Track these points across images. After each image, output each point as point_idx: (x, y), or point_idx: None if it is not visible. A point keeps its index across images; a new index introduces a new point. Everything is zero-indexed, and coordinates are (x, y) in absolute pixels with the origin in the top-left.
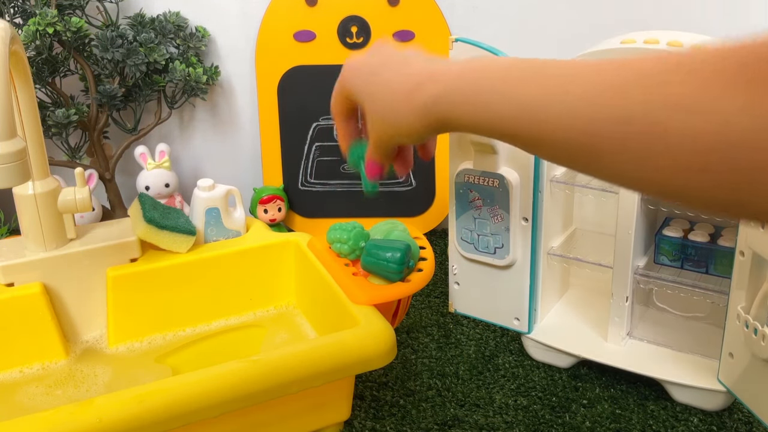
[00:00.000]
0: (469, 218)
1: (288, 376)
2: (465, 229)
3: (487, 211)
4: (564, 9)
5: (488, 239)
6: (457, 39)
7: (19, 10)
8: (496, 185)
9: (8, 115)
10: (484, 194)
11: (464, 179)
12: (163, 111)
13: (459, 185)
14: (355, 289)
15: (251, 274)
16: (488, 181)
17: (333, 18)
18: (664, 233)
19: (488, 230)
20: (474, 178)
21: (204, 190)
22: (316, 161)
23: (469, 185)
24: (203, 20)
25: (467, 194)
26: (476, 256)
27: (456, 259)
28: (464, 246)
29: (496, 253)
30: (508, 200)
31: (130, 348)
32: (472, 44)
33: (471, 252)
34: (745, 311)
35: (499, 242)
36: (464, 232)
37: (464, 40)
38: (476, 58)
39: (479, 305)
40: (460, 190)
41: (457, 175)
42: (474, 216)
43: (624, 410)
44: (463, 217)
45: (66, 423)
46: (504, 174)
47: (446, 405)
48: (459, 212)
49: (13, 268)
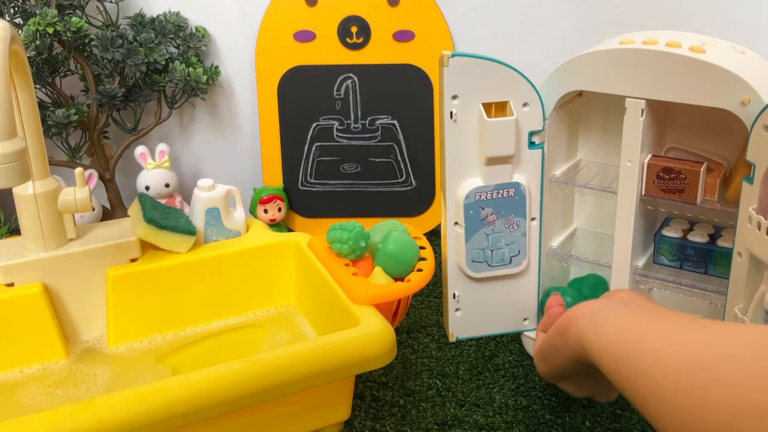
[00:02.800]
0: (480, 237)
1: (288, 376)
2: (476, 250)
3: (502, 222)
4: (564, 9)
5: (503, 251)
6: (453, 54)
7: (19, 10)
8: (512, 194)
9: (8, 115)
10: (499, 207)
11: (475, 198)
12: (163, 111)
13: (469, 206)
14: (355, 289)
15: (251, 274)
16: (503, 192)
17: (333, 18)
18: (664, 233)
19: (503, 242)
20: (486, 195)
21: (204, 190)
22: (316, 161)
23: (480, 203)
24: (203, 20)
25: (479, 213)
26: (489, 273)
27: (458, 284)
28: (475, 267)
29: (512, 261)
30: (524, 206)
31: (130, 348)
32: (469, 57)
33: (482, 271)
34: (742, 312)
35: (515, 250)
36: (475, 253)
37: (461, 54)
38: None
39: (483, 323)
40: (471, 211)
41: (466, 198)
42: (487, 233)
43: (624, 410)
44: (473, 238)
45: (66, 423)
46: (519, 181)
47: (446, 405)
48: (469, 234)
49: (13, 268)
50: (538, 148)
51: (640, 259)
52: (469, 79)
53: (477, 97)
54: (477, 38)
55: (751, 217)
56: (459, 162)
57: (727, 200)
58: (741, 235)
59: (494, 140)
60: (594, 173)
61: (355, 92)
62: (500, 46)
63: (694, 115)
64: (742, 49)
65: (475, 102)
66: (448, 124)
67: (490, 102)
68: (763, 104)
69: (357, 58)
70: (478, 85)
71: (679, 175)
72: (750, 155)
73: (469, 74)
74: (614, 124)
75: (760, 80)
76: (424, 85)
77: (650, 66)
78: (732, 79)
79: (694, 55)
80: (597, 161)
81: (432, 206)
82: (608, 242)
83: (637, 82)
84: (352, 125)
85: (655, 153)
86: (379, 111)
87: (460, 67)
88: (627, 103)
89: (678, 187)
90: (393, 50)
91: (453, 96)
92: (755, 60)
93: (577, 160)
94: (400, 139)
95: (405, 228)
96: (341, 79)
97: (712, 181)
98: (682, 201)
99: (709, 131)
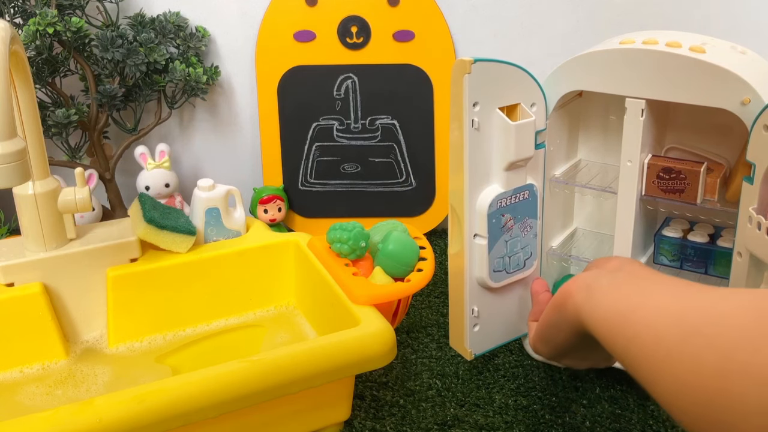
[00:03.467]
0: (501, 246)
1: (288, 376)
2: (497, 259)
3: (518, 227)
4: (564, 9)
5: (518, 255)
6: (476, 60)
7: (19, 10)
8: (527, 197)
9: (8, 115)
10: (516, 211)
11: (498, 206)
12: (163, 111)
13: (492, 215)
14: (355, 289)
15: (251, 274)
16: (519, 196)
17: (333, 18)
18: (664, 233)
19: (519, 246)
20: (507, 200)
21: (204, 190)
22: (316, 161)
23: (501, 210)
24: (203, 20)
25: (500, 221)
26: (507, 280)
27: (477, 299)
28: (497, 277)
29: (525, 265)
30: (536, 207)
31: (130, 348)
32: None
33: (502, 279)
34: None
35: (529, 252)
36: (496, 263)
37: (483, 59)
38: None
39: (498, 333)
40: (493, 219)
41: (489, 207)
42: (506, 240)
43: (624, 410)
44: (495, 248)
45: (66, 423)
46: (531, 182)
47: (446, 405)
48: (492, 245)
49: (13, 268)
50: (541, 147)
51: (640, 259)
52: (488, 85)
53: (494, 103)
54: (477, 38)
55: (751, 217)
56: (479, 171)
57: (728, 200)
58: (741, 235)
59: (519, 144)
60: (594, 173)
61: (355, 92)
62: (500, 46)
63: (694, 115)
64: (742, 49)
65: (492, 107)
66: (471, 133)
67: (503, 106)
68: (763, 104)
69: (357, 58)
70: (495, 89)
71: (679, 175)
72: (750, 155)
73: (488, 79)
74: (614, 124)
75: (760, 80)
76: (424, 85)
77: (650, 66)
78: (732, 79)
79: (694, 55)
80: (597, 161)
81: (432, 206)
82: (608, 242)
83: (637, 82)
84: (352, 125)
85: (655, 153)
86: (379, 111)
87: (481, 73)
88: (627, 103)
89: (678, 187)
90: (393, 50)
91: (474, 103)
92: (755, 60)
93: (577, 160)
94: (400, 139)
95: (405, 228)
96: (341, 79)
97: (712, 181)
98: (682, 201)
99: (709, 131)
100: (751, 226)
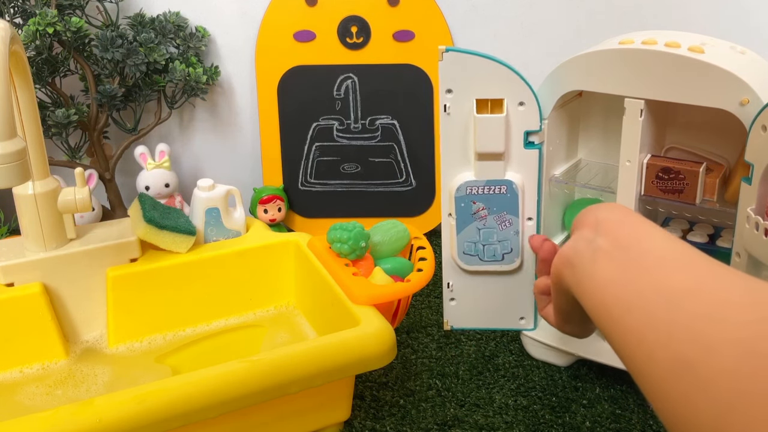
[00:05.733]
0: (472, 230)
1: (288, 376)
2: (468, 243)
3: (494, 219)
4: (564, 9)
5: (495, 247)
6: (447, 49)
7: (19, 10)
8: (504, 192)
9: (8, 115)
10: (490, 203)
11: (466, 192)
12: (163, 111)
13: (460, 199)
14: (355, 289)
15: (251, 274)
16: (494, 189)
17: (333, 18)
18: None
19: (495, 238)
20: (478, 189)
21: (204, 190)
22: (316, 161)
23: (471, 197)
24: (203, 20)
25: (470, 206)
26: (481, 267)
27: (452, 275)
28: (467, 259)
29: (504, 258)
30: (517, 204)
31: (130, 348)
32: (463, 53)
33: (474, 264)
34: None
35: (507, 247)
36: (467, 246)
37: (455, 49)
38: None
39: (478, 315)
40: (462, 203)
41: (457, 190)
42: (478, 227)
43: (624, 410)
44: (465, 230)
45: (66, 423)
46: (511, 179)
47: (446, 405)
48: (461, 227)
49: (13, 268)
50: (535, 148)
51: None
52: (463, 75)
53: (472, 93)
54: (477, 38)
55: (749, 217)
56: (453, 155)
57: (727, 200)
58: (739, 235)
59: (483, 136)
60: (594, 173)
61: (355, 92)
62: (500, 46)
63: (693, 115)
64: (741, 49)
65: (469, 97)
66: (443, 117)
67: (486, 99)
68: (761, 104)
69: (357, 58)
70: (473, 81)
71: (679, 175)
72: (748, 155)
73: (463, 70)
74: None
75: (759, 80)
76: (424, 85)
77: (650, 66)
78: (731, 80)
79: (694, 56)
80: (597, 161)
81: (432, 206)
82: None
83: (637, 82)
84: (352, 125)
85: (654, 153)
86: (379, 111)
87: (454, 62)
88: (626, 103)
89: (677, 187)
90: (393, 50)
91: (447, 90)
92: (755, 60)
93: (577, 159)
94: (400, 139)
95: (405, 228)
96: (341, 79)
97: (711, 181)
98: (682, 201)
99: (709, 131)
100: (749, 227)
